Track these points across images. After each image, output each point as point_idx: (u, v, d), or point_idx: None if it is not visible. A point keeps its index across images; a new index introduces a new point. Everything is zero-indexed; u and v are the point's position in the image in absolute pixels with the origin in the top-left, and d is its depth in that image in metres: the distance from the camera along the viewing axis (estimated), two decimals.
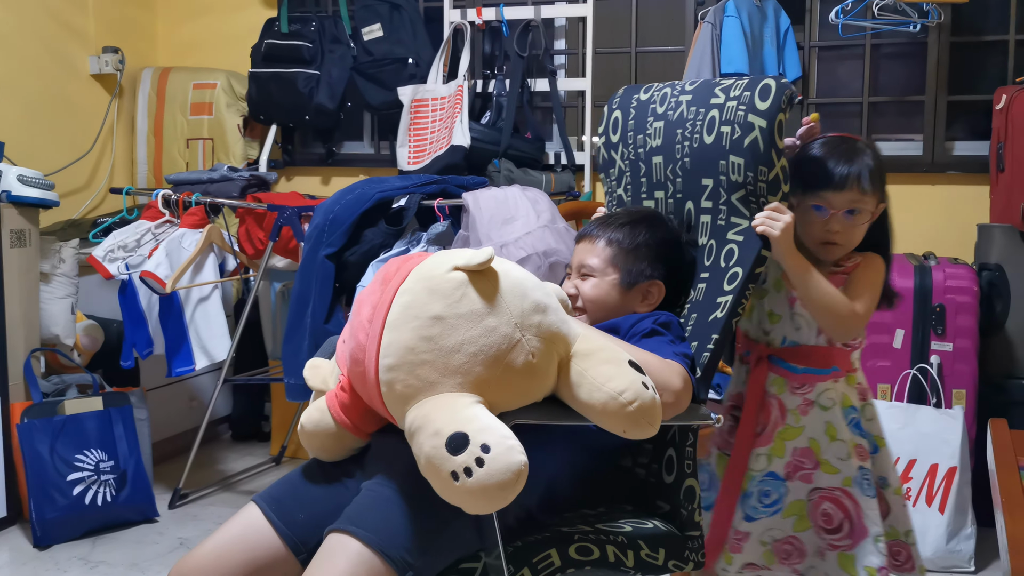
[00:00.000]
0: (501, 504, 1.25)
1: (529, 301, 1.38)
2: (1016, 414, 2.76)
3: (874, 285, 1.72)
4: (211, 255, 3.03)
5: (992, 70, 3.25)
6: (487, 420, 1.28)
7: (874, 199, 1.73)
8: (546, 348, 1.37)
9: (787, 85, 1.59)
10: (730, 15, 2.98)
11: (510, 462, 1.23)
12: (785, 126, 1.60)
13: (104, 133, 3.80)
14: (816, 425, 1.75)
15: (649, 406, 1.35)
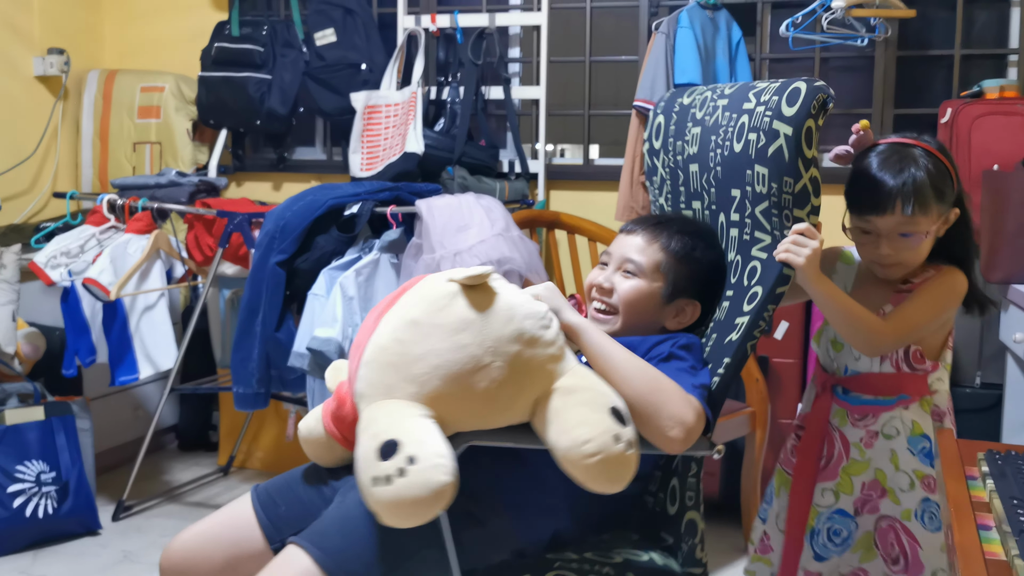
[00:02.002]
0: (414, 520, 1.21)
1: (512, 328, 1.33)
2: (961, 421, 2.80)
3: (931, 303, 1.60)
4: (158, 262, 2.98)
5: (937, 84, 3.32)
6: (426, 434, 1.25)
7: (930, 217, 1.57)
8: (515, 379, 1.33)
9: (821, 88, 1.46)
10: (683, 26, 3.00)
11: (430, 480, 1.19)
12: (817, 133, 1.47)
13: (48, 136, 3.72)
14: (882, 455, 1.66)
15: (613, 461, 1.27)
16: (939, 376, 1.67)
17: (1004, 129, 2.75)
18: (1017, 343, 2.43)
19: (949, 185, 1.57)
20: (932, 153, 1.57)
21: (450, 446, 1.26)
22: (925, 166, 1.55)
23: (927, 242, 1.60)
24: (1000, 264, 2.53)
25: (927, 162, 1.56)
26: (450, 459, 1.23)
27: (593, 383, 1.37)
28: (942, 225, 1.59)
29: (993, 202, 2.55)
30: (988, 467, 1.19)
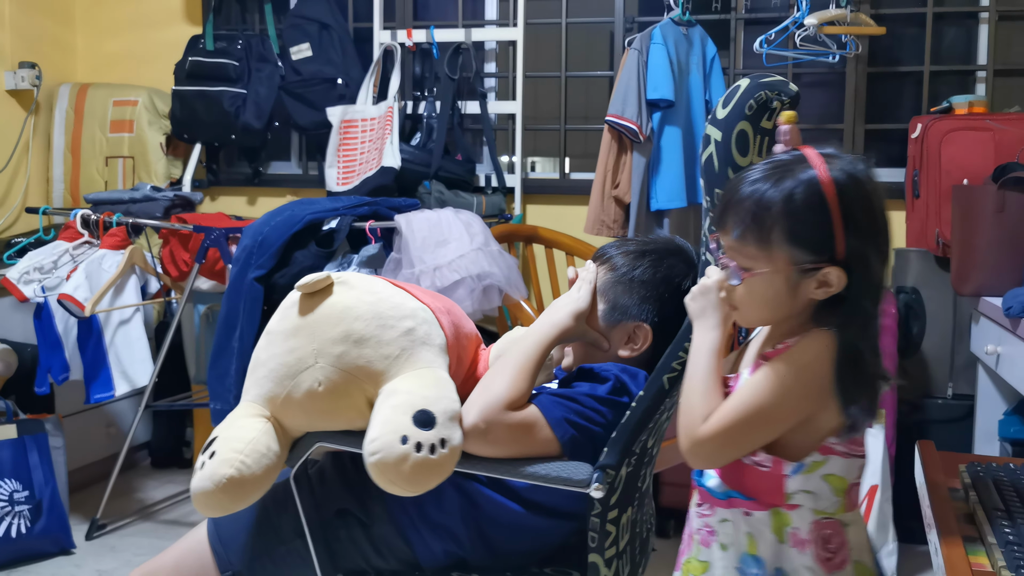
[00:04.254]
0: (209, 509, 1.34)
1: (339, 331, 1.37)
2: (933, 432, 2.86)
3: (766, 389, 1.14)
4: (133, 277, 2.95)
5: (907, 100, 3.38)
6: (237, 432, 1.36)
7: (769, 257, 1.15)
8: (343, 380, 1.36)
9: (763, 85, 1.25)
10: (656, 42, 3.03)
11: (216, 472, 1.31)
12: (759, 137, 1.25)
13: (19, 150, 3.68)
14: (717, 564, 1.25)
15: (391, 463, 1.26)
16: (810, 488, 1.18)
17: (973, 144, 2.80)
18: (988, 355, 2.47)
19: (819, 232, 1.13)
20: (819, 185, 1.14)
21: (274, 444, 1.37)
22: (790, 192, 1.14)
23: (775, 295, 1.16)
24: (971, 277, 2.58)
25: (799, 190, 1.14)
26: (246, 455, 1.32)
27: (416, 387, 1.35)
28: (811, 284, 1.14)
29: (963, 216, 2.59)
30: (970, 479, 1.22)
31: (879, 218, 1.15)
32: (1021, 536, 1.03)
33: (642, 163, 3.02)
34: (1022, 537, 1.02)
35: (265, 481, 1.36)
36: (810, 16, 2.92)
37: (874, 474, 2.66)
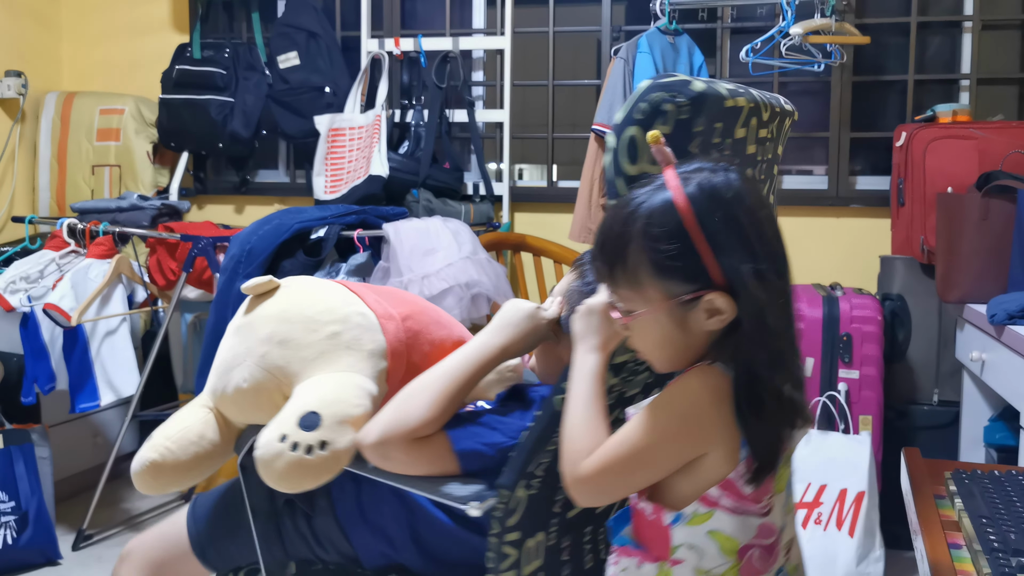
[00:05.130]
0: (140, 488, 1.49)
1: (265, 331, 1.45)
2: (919, 438, 2.88)
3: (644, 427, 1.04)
4: (119, 286, 2.94)
5: (892, 108, 3.41)
6: (173, 421, 1.52)
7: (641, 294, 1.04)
8: (264, 379, 1.43)
9: (657, 87, 1.13)
10: (643, 51, 3.05)
11: (141, 456, 1.48)
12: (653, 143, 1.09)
13: (5, 159, 3.66)
14: None
15: (266, 460, 1.32)
16: (694, 542, 1.06)
17: (957, 152, 2.83)
18: (973, 361, 2.49)
19: (686, 259, 1.01)
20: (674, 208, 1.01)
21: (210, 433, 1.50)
22: (646, 222, 1.02)
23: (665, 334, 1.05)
24: (956, 284, 2.60)
25: (655, 218, 1.02)
26: (172, 442, 1.47)
27: (318, 389, 1.38)
28: (700, 316, 1.02)
29: (948, 224, 2.61)
30: (956, 486, 1.22)
31: (752, 228, 1.02)
32: (1006, 543, 1.04)
33: None
34: (1007, 544, 1.03)
35: (195, 467, 1.49)
36: (795, 25, 2.94)
37: (860, 480, 2.67)
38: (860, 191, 3.35)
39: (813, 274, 3.27)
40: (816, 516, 2.69)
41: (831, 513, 2.68)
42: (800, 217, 3.34)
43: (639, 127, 1.11)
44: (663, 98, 1.13)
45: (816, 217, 3.32)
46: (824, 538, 2.66)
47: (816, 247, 3.32)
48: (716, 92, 1.16)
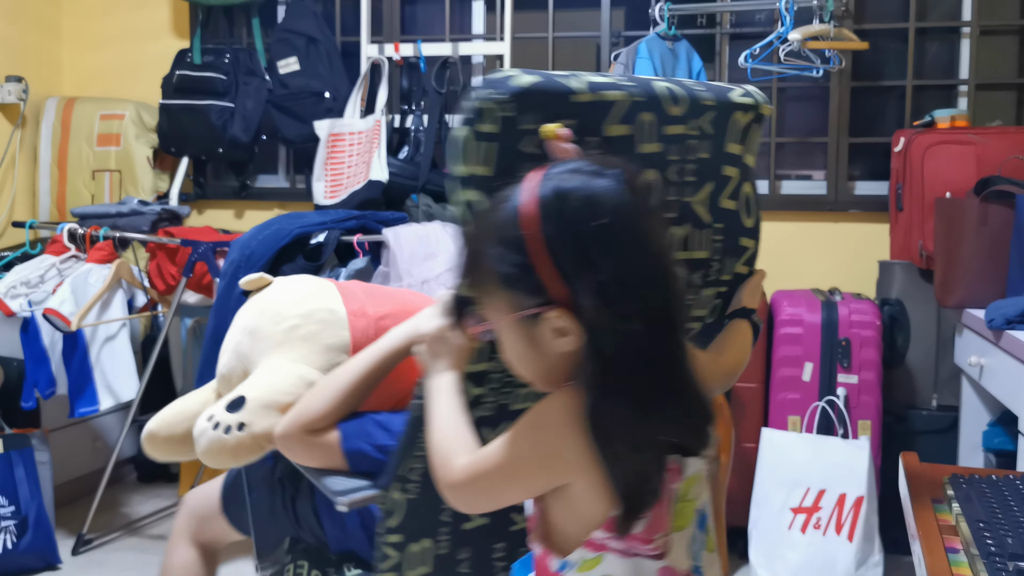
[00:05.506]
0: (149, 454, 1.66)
1: (243, 322, 1.59)
2: (918, 443, 2.88)
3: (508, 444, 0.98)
4: (119, 291, 2.95)
5: (890, 114, 3.41)
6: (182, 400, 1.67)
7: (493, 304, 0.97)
8: (237, 364, 1.58)
9: (485, 83, 1.08)
10: (642, 57, 3.05)
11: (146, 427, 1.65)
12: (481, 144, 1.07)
13: (6, 164, 3.67)
14: None
15: (195, 438, 1.48)
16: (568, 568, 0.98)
17: (956, 158, 2.83)
18: (972, 366, 2.49)
19: (525, 270, 0.92)
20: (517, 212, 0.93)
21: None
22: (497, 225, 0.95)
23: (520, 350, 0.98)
24: (954, 289, 2.60)
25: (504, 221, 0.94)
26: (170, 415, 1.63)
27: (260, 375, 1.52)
28: (547, 334, 0.94)
29: (946, 229, 2.62)
30: (953, 491, 1.23)
31: (611, 242, 0.89)
32: (1003, 547, 1.04)
33: None
34: (1004, 548, 1.04)
35: (187, 442, 1.60)
36: (794, 31, 2.95)
37: (859, 485, 2.68)
38: (859, 196, 3.35)
39: (812, 279, 3.28)
40: (815, 521, 2.69)
41: (830, 518, 2.69)
42: (799, 222, 3.34)
43: (467, 127, 1.07)
44: (485, 96, 1.08)
45: (815, 222, 3.33)
46: (823, 543, 2.66)
47: (815, 252, 3.32)
48: (555, 87, 1.11)
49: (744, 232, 1.38)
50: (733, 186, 1.32)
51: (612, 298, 0.89)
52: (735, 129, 1.31)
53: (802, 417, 2.84)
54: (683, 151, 1.25)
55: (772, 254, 3.32)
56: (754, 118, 1.34)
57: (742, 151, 1.34)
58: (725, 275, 1.39)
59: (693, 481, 0.98)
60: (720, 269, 1.37)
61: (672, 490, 0.96)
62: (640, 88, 1.19)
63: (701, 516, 1.01)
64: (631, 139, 1.18)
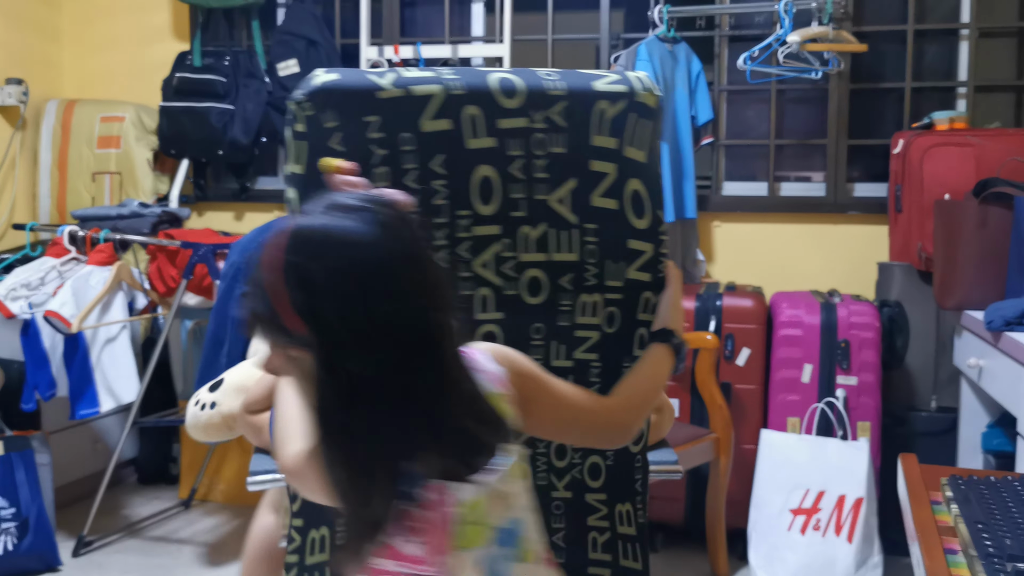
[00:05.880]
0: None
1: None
2: (917, 445, 2.89)
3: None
4: (120, 293, 2.95)
5: (889, 116, 3.42)
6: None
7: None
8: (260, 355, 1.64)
9: (301, 83, 1.08)
10: (642, 59, 3.06)
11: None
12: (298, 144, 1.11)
13: (6, 166, 3.67)
14: None
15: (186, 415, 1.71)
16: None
17: (954, 159, 2.84)
18: (971, 368, 2.50)
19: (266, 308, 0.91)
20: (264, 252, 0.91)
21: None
22: (253, 260, 0.94)
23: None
24: (954, 291, 2.61)
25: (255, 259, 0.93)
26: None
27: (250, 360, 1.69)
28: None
29: (945, 231, 2.63)
30: (952, 492, 1.23)
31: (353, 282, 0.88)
32: (1002, 549, 1.04)
33: None
34: (1003, 550, 1.04)
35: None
36: (793, 33, 2.96)
37: (859, 487, 2.68)
38: (858, 198, 3.36)
39: (811, 281, 3.29)
40: (815, 522, 2.70)
41: (829, 519, 2.69)
42: (798, 224, 3.35)
43: (288, 127, 1.09)
44: (293, 96, 1.08)
45: (814, 224, 3.33)
46: (823, 544, 2.67)
47: (814, 254, 3.33)
48: (357, 84, 1.11)
49: (634, 234, 1.25)
50: (609, 183, 1.22)
51: (354, 340, 0.88)
52: (601, 120, 1.21)
53: (801, 419, 2.85)
54: (527, 145, 1.20)
55: (771, 256, 3.35)
56: (628, 107, 1.22)
57: (618, 144, 1.22)
58: (611, 281, 1.27)
59: (479, 504, 0.99)
60: (600, 274, 1.26)
61: (447, 513, 0.97)
62: (464, 81, 1.17)
63: (505, 532, 1.02)
64: (454, 134, 1.17)
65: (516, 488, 1.03)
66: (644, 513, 1.42)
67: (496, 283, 1.24)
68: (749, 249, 3.39)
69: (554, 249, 1.23)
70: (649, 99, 1.21)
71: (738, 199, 3.44)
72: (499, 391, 1.03)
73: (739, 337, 2.93)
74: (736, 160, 3.57)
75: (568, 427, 1.15)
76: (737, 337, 2.93)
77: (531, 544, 1.06)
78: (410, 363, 0.91)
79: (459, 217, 1.21)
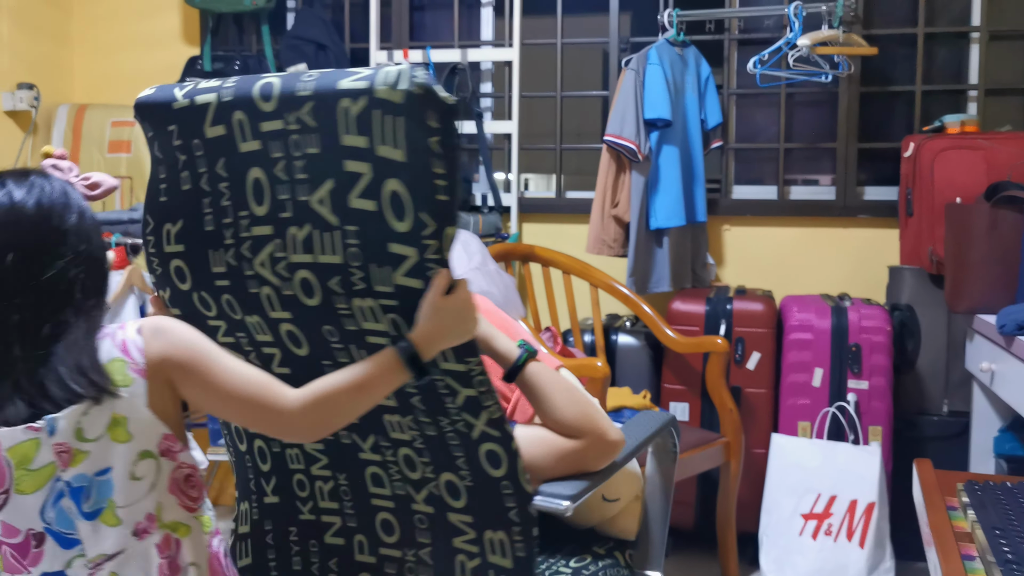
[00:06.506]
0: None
1: None
2: (929, 449, 2.88)
3: None
4: (131, 297, 2.96)
5: (899, 119, 3.41)
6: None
7: None
8: None
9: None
10: (652, 63, 3.06)
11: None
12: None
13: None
14: None
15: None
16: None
17: (965, 163, 2.83)
18: (983, 372, 2.49)
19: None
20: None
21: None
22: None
23: None
24: (965, 295, 2.60)
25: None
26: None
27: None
28: None
29: (957, 234, 2.62)
30: (968, 497, 1.23)
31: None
32: (1019, 554, 1.04)
33: (641, 182, 3.05)
34: (1020, 555, 1.04)
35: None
36: (803, 37, 2.96)
37: (871, 491, 2.67)
38: (868, 201, 3.35)
39: (821, 284, 3.28)
40: (826, 527, 2.69)
41: (841, 524, 2.68)
42: (808, 227, 3.34)
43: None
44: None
45: (824, 227, 3.33)
46: (834, 549, 2.66)
47: (824, 257, 3.32)
48: (159, 98, 1.26)
49: (395, 237, 1.19)
50: (365, 183, 1.18)
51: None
52: (347, 119, 1.16)
53: (812, 423, 2.84)
54: (286, 147, 1.21)
55: (781, 259, 3.34)
56: (369, 104, 1.15)
57: (368, 143, 1.16)
58: (380, 286, 1.22)
59: (27, 452, 1.14)
60: (367, 278, 1.22)
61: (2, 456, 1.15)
62: (234, 89, 1.22)
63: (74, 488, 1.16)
64: (229, 138, 1.23)
65: (100, 448, 1.15)
66: (527, 547, 1.35)
67: (275, 283, 1.26)
68: (759, 253, 3.38)
69: (319, 251, 1.22)
70: (392, 95, 1.13)
71: (748, 203, 3.43)
72: (122, 357, 1.16)
73: (749, 341, 2.92)
74: (744, 164, 3.57)
75: (231, 407, 1.20)
76: (747, 341, 2.92)
77: (116, 508, 1.17)
78: (39, 308, 1.15)
79: (240, 217, 1.26)
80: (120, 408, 1.15)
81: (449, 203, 1.16)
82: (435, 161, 1.13)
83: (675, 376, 3.01)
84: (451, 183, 1.15)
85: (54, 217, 1.18)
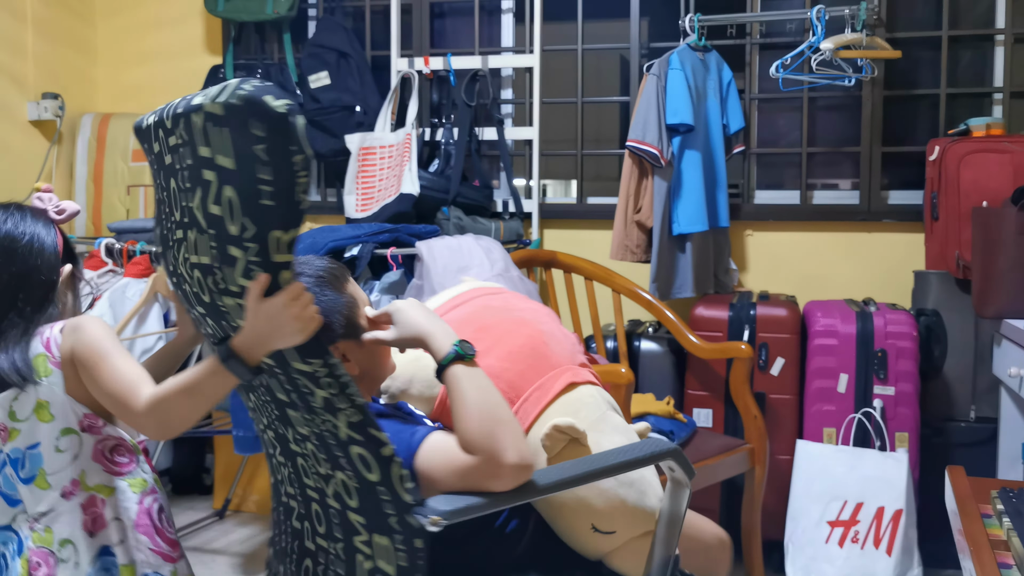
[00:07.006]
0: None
1: None
2: (957, 455, 2.85)
3: None
4: (156, 305, 2.98)
5: (924, 122, 3.39)
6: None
7: None
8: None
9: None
10: (674, 68, 3.05)
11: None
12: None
13: (42, 180, 3.72)
14: None
15: None
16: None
17: (992, 166, 2.81)
18: (1011, 377, 2.46)
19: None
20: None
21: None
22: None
23: None
24: (993, 299, 2.57)
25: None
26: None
27: None
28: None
29: (984, 239, 2.59)
30: (1003, 505, 1.21)
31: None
32: None
33: (663, 187, 3.04)
34: None
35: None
36: (826, 40, 2.94)
37: (898, 498, 2.65)
38: (892, 206, 3.33)
39: (846, 290, 3.26)
40: (853, 534, 2.67)
41: (868, 531, 2.66)
42: (832, 232, 3.32)
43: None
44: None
45: (848, 232, 3.30)
46: (862, 556, 2.63)
47: (849, 262, 3.30)
48: (144, 121, 1.42)
49: (230, 240, 1.26)
50: (215, 190, 1.27)
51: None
52: (199, 132, 1.28)
53: (838, 429, 2.82)
54: (180, 159, 1.33)
55: (804, 264, 3.32)
56: (205, 117, 1.26)
57: (211, 153, 1.27)
58: (233, 286, 1.30)
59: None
60: (224, 278, 1.30)
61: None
62: (164, 110, 1.36)
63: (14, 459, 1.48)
64: (160, 154, 1.39)
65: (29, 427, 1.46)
66: (410, 558, 1.33)
67: (189, 281, 1.38)
68: (782, 258, 3.36)
69: (202, 252, 1.32)
70: (214, 108, 1.23)
71: (770, 207, 3.42)
72: (44, 352, 1.46)
73: (773, 347, 2.91)
74: (766, 168, 3.55)
75: (106, 402, 1.43)
76: (771, 347, 2.91)
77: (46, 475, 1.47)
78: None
79: (172, 222, 1.39)
80: (42, 394, 1.45)
81: (274, 208, 1.21)
82: (260, 168, 1.20)
83: (699, 382, 3.00)
84: (280, 189, 1.21)
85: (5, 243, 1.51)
